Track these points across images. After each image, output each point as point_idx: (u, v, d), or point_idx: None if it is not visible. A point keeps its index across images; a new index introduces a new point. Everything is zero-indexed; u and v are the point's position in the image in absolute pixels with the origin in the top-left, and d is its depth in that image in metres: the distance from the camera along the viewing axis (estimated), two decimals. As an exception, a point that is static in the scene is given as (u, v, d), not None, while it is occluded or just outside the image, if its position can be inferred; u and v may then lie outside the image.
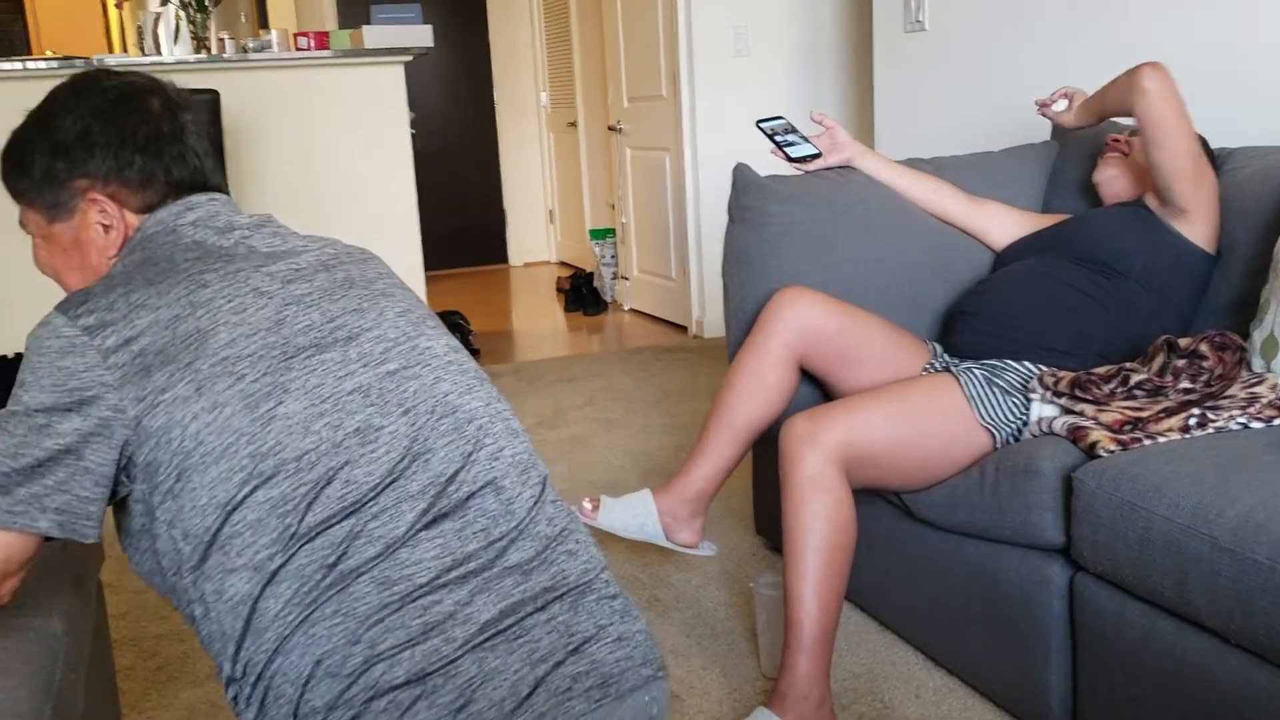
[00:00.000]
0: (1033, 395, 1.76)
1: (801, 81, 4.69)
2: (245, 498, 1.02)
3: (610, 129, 5.47)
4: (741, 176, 2.20)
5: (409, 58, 4.31)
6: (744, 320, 2.18)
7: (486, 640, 1.02)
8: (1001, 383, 1.80)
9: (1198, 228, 1.91)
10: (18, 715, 1.07)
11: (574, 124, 6.63)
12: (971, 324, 1.99)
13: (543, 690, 1.01)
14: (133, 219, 1.21)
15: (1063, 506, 1.57)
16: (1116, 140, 2.14)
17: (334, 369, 1.09)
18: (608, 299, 5.73)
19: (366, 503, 1.04)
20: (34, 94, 1.28)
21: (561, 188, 7.21)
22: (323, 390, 1.07)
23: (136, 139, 1.21)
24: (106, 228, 1.20)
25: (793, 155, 2.24)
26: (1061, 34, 2.88)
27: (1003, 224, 2.26)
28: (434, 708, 0.98)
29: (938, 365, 1.98)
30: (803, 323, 1.95)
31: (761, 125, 2.27)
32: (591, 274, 5.85)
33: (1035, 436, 1.71)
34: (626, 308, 5.57)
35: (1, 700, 1.08)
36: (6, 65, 3.66)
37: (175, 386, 1.03)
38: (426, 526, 1.05)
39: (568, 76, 6.67)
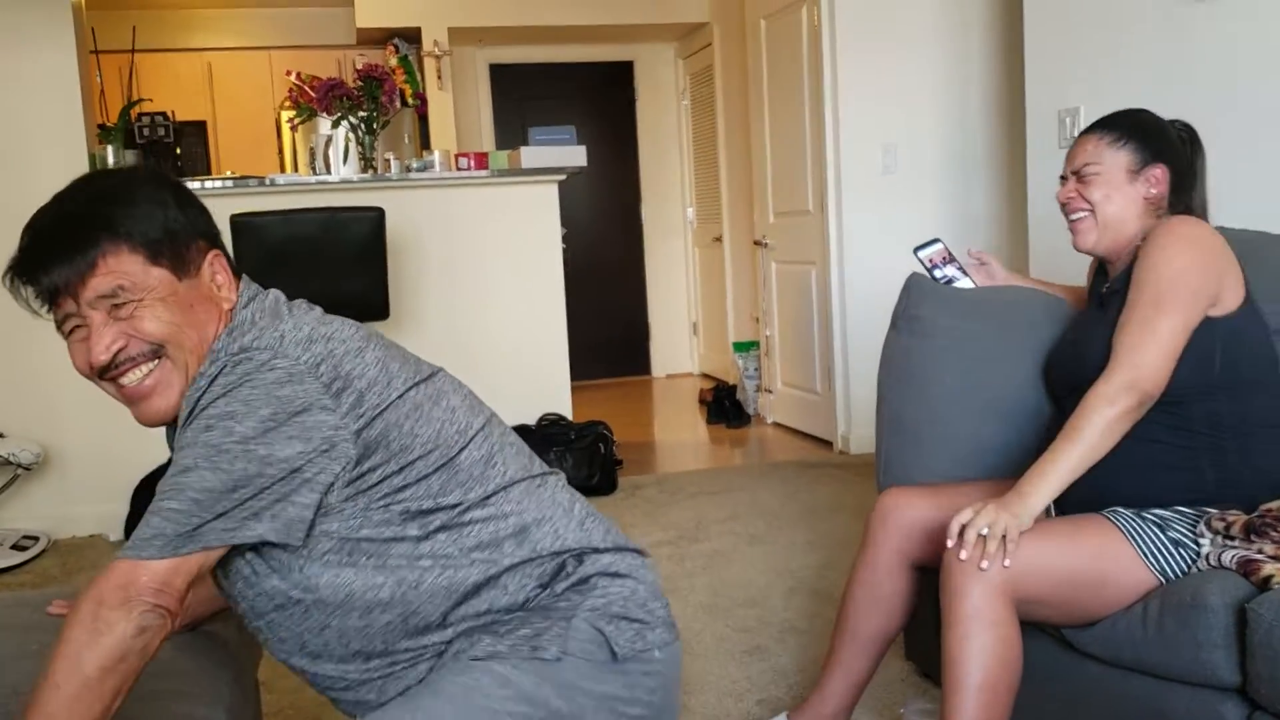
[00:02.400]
0: (1202, 539, 1.63)
1: (952, 197, 4.67)
2: (460, 466, 1.31)
3: (756, 243, 5.53)
4: (916, 286, 2.17)
5: (563, 177, 4.48)
6: (898, 432, 2.13)
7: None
8: (1157, 519, 1.67)
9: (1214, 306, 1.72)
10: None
11: (719, 239, 6.74)
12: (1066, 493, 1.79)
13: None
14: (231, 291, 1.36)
15: (1236, 642, 1.47)
16: (1070, 199, 1.88)
17: (449, 384, 1.38)
18: (750, 412, 5.71)
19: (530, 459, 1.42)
20: (215, 209, 1.39)
21: (705, 301, 7.30)
22: (460, 390, 1.39)
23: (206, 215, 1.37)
24: (219, 284, 1.33)
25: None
26: (1225, 153, 2.80)
27: None
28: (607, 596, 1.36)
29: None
30: (908, 524, 1.90)
31: (919, 254, 2.20)
32: (734, 386, 5.86)
33: (1202, 571, 1.61)
34: (769, 421, 5.54)
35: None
36: (190, 184, 3.96)
37: (386, 401, 1.25)
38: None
39: (714, 193, 6.81)
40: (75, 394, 3.94)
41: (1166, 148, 1.85)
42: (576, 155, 4.49)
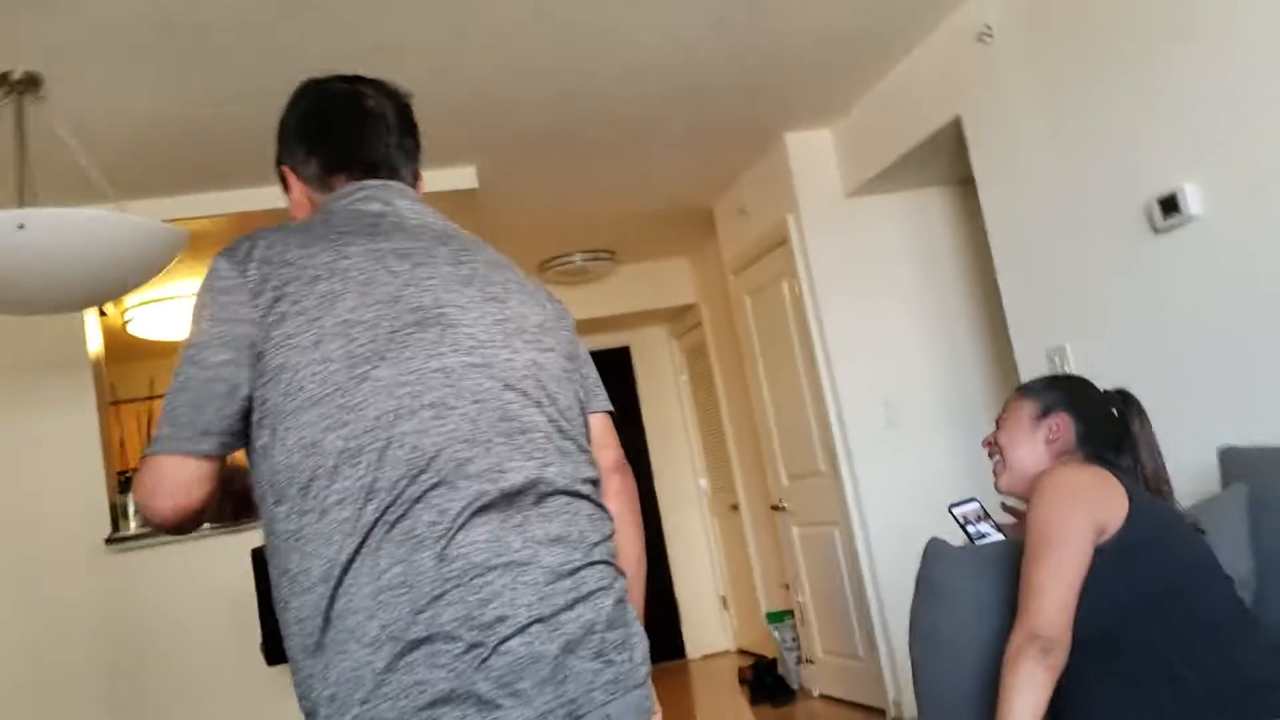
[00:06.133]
0: None
1: (959, 444, 4.70)
2: (321, 446, 1.16)
3: (774, 508, 5.52)
4: (932, 551, 2.17)
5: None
6: (937, 706, 2.06)
7: (529, 625, 1.16)
8: None
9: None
10: None
11: (735, 506, 6.72)
12: None
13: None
14: (315, 195, 1.43)
15: None
16: (988, 444, 2.05)
17: (426, 347, 1.22)
18: (795, 686, 5.49)
19: (425, 470, 1.17)
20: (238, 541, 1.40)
21: (731, 572, 7.19)
22: (413, 364, 1.20)
23: (314, 135, 1.44)
24: (293, 200, 1.45)
25: (977, 547, 2.20)
26: (1207, 371, 2.85)
27: None
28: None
29: None
30: None
31: (954, 511, 2.25)
32: (774, 660, 5.66)
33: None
34: (816, 694, 5.32)
35: None
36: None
37: (300, 335, 1.18)
38: (478, 512, 1.18)
39: (724, 461, 6.85)
40: None
41: (1075, 400, 1.97)
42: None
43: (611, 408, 1.48)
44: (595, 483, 1.37)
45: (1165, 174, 2.92)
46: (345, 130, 1.41)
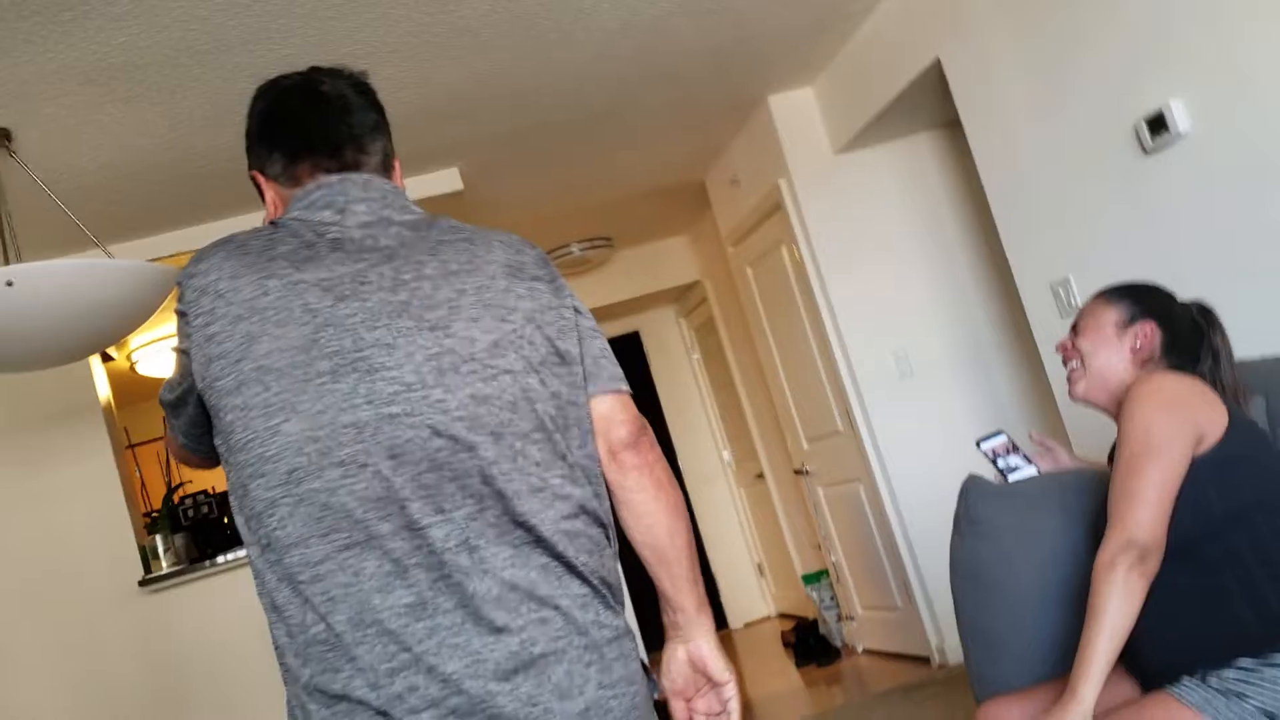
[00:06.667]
0: None
1: (974, 387, 4.68)
2: (249, 492, 1.18)
3: (797, 472, 5.51)
4: (973, 488, 2.14)
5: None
6: (982, 642, 2.05)
7: (446, 699, 1.11)
8: (1227, 687, 1.58)
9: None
10: None
11: (760, 475, 6.72)
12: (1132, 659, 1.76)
13: None
14: (284, 192, 1.39)
15: None
16: (1064, 349, 1.98)
17: (339, 400, 1.15)
18: (838, 644, 5.50)
19: (336, 529, 1.14)
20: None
21: (763, 539, 7.20)
22: (323, 418, 1.15)
23: (276, 134, 1.40)
24: (270, 205, 1.42)
25: (1013, 482, 2.18)
26: (1203, 284, 2.82)
27: None
28: None
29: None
30: None
31: (982, 446, 2.21)
32: (815, 621, 5.67)
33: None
34: (860, 649, 5.33)
35: None
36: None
37: (224, 378, 1.18)
38: (399, 573, 1.14)
39: (744, 432, 6.85)
40: None
41: (1160, 308, 1.91)
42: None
43: (619, 386, 1.37)
44: (576, 515, 1.25)
45: (1150, 93, 2.88)
46: (303, 116, 1.37)
